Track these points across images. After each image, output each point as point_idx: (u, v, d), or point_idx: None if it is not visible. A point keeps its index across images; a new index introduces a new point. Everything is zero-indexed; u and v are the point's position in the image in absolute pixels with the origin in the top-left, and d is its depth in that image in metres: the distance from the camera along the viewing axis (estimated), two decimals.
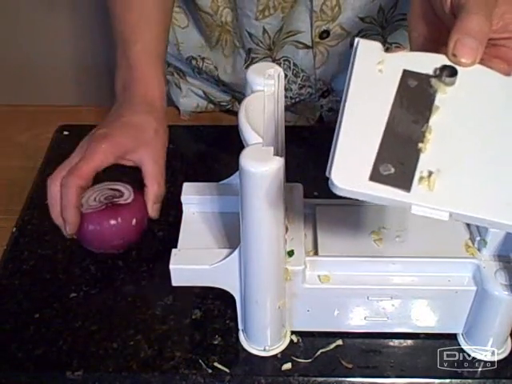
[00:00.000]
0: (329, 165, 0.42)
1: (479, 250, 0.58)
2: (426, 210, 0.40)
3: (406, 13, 0.81)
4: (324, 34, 0.81)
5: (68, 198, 0.63)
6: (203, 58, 0.88)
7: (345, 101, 0.43)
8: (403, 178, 0.41)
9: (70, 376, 0.59)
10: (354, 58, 0.45)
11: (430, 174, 0.41)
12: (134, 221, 0.67)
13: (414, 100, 0.44)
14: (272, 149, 0.49)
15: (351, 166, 0.42)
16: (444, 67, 0.44)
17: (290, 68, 0.85)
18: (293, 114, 0.93)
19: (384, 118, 0.43)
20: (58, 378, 0.60)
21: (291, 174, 0.58)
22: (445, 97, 0.44)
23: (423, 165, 0.41)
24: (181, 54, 0.89)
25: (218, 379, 0.59)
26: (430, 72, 0.45)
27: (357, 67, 0.45)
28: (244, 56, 0.85)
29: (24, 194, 0.78)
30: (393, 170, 0.41)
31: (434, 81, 0.44)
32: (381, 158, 0.41)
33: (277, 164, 0.48)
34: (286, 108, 0.56)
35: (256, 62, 0.85)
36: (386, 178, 0.41)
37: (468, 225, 0.60)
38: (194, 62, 0.89)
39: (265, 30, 0.80)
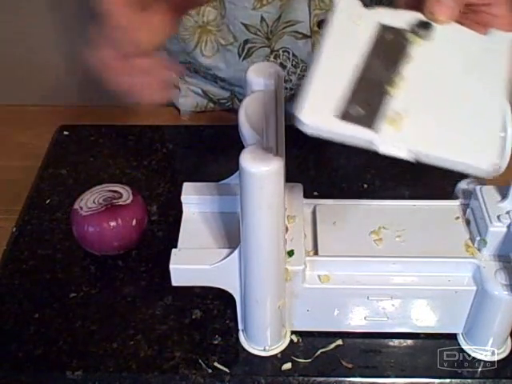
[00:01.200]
0: (298, 104, 0.42)
1: (479, 249, 0.58)
2: (392, 148, 0.42)
3: None
4: (322, 23, 0.81)
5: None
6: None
7: (321, 48, 0.44)
8: (371, 119, 0.42)
9: (70, 376, 0.59)
10: (333, 12, 0.47)
11: (398, 115, 0.42)
12: (133, 221, 0.67)
13: (389, 51, 0.45)
14: (272, 149, 0.49)
15: (321, 106, 0.42)
16: (420, 23, 0.46)
17: (289, 59, 0.85)
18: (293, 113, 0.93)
19: (357, 65, 0.44)
20: (58, 378, 0.60)
21: (291, 174, 0.58)
22: (419, 49, 0.46)
23: (391, 107, 0.43)
24: (174, 58, 0.89)
25: (218, 379, 0.59)
26: (407, 27, 0.46)
27: (335, 20, 0.46)
28: (236, 50, 0.85)
29: (24, 194, 0.78)
30: (362, 111, 0.42)
31: (409, 35, 0.46)
32: (351, 100, 0.42)
33: (277, 164, 0.48)
34: (286, 100, 0.56)
35: (253, 52, 0.84)
36: (355, 118, 0.42)
37: (468, 225, 0.60)
38: (187, 64, 0.89)
39: (263, 19, 0.80)
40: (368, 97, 0.43)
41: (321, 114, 0.42)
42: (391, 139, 0.42)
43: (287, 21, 0.81)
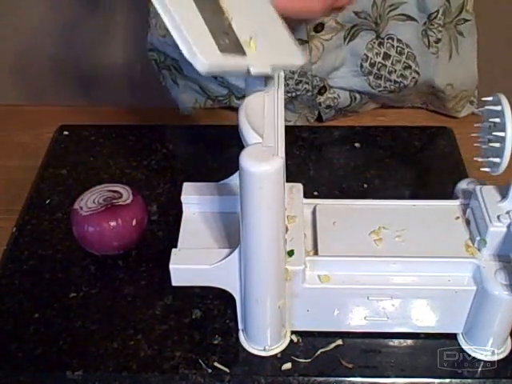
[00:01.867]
0: (186, 50, 0.42)
1: (479, 249, 0.58)
2: (260, 69, 0.45)
3: (395, 2, 0.81)
4: (319, 27, 0.81)
5: None
6: None
7: None
8: (237, 46, 0.45)
9: (70, 376, 0.59)
10: None
11: (250, 38, 0.46)
12: (133, 221, 0.67)
13: None
14: (272, 149, 0.49)
15: (206, 45, 0.43)
16: None
17: None
18: (292, 113, 0.93)
19: None
20: (58, 378, 0.60)
21: (291, 174, 0.58)
22: None
23: (239, 32, 0.46)
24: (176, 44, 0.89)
25: (218, 379, 0.59)
26: None
27: None
28: None
29: (24, 194, 0.78)
30: (227, 41, 0.44)
31: None
32: (213, 32, 0.44)
33: (277, 164, 0.48)
34: (284, 105, 0.56)
35: None
36: (228, 48, 0.44)
37: (468, 225, 0.60)
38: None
39: None
40: (218, 26, 0.45)
41: (211, 52, 0.43)
42: (255, 61, 0.45)
43: None
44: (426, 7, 0.82)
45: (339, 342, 0.61)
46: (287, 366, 0.60)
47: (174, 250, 0.57)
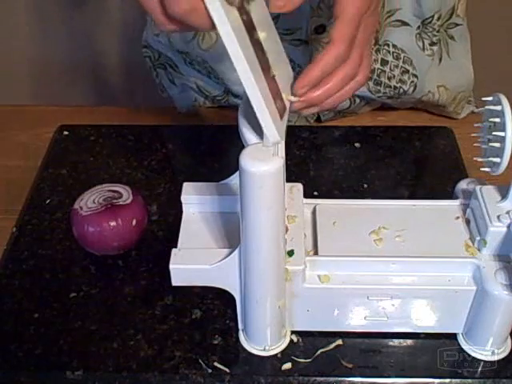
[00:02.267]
0: (263, 123, 0.48)
1: (479, 249, 0.58)
2: None
3: (391, 9, 0.82)
4: (320, 29, 0.81)
5: None
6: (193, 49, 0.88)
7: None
8: (283, 107, 0.52)
9: (70, 376, 0.59)
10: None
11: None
12: (133, 221, 0.67)
13: (248, 29, 0.47)
14: (272, 149, 0.49)
15: (276, 122, 0.49)
16: None
17: None
18: (292, 113, 0.93)
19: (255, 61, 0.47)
20: (58, 378, 0.60)
21: (291, 174, 0.58)
22: (254, 14, 0.48)
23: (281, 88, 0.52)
24: (172, 45, 0.89)
25: (218, 379, 0.59)
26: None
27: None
28: None
29: (24, 194, 0.78)
30: (278, 104, 0.50)
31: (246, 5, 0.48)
32: (274, 99, 0.49)
33: (277, 164, 0.48)
34: None
35: None
36: (280, 110, 0.51)
37: (468, 225, 0.60)
38: (183, 54, 0.89)
39: None
40: (275, 87, 0.50)
41: (278, 125, 0.49)
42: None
43: (286, 29, 0.81)
44: (422, 12, 0.83)
45: (339, 342, 0.61)
46: (287, 365, 0.60)
47: (173, 250, 0.57)
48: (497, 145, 0.55)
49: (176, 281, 0.57)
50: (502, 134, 0.54)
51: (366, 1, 0.54)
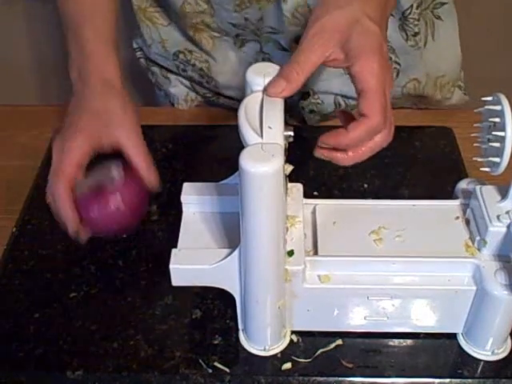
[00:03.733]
0: None
1: (479, 249, 0.58)
2: None
3: None
4: (299, 39, 0.81)
5: (60, 201, 0.63)
6: (190, 51, 0.88)
7: None
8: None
9: (70, 376, 0.59)
10: None
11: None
12: (129, 204, 0.65)
13: None
14: (272, 149, 0.49)
15: None
16: None
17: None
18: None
19: None
20: (58, 378, 0.60)
21: (291, 174, 0.58)
22: None
23: None
24: (167, 51, 0.89)
25: (218, 379, 0.59)
26: None
27: None
28: (232, 40, 0.85)
29: (24, 194, 0.78)
30: None
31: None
32: None
33: (277, 164, 0.48)
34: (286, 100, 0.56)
35: (246, 43, 0.85)
36: None
37: (468, 225, 0.60)
38: (181, 56, 0.89)
39: (246, 19, 0.80)
40: None
41: None
42: None
43: (269, 26, 0.81)
44: (399, 5, 0.81)
45: (339, 341, 0.61)
46: (287, 365, 0.60)
47: (174, 250, 0.57)
48: (497, 145, 0.55)
49: (176, 281, 0.57)
50: (501, 133, 0.54)
51: (382, 66, 0.54)
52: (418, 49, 0.85)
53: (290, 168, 0.54)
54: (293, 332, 0.62)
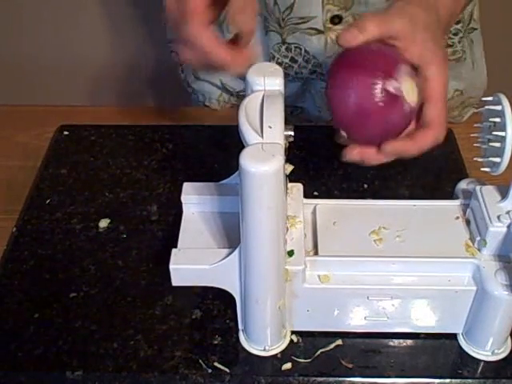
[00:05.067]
0: None
1: (479, 249, 0.58)
2: None
3: None
4: (336, 19, 0.81)
5: (204, 41, 0.54)
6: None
7: None
8: None
9: (70, 376, 0.59)
10: None
11: None
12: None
13: None
14: (272, 148, 0.49)
15: None
16: None
17: (300, 54, 0.85)
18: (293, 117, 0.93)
19: None
20: (58, 378, 0.60)
21: (291, 173, 0.58)
22: None
23: None
24: None
25: (218, 379, 0.59)
26: None
27: None
28: (260, 25, 0.84)
29: (24, 194, 0.78)
30: None
31: None
32: None
33: (277, 164, 0.48)
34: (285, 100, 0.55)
35: (267, 32, 0.84)
36: None
37: (468, 225, 0.60)
38: None
39: (275, 2, 0.80)
40: None
41: None
42: None
43: (301, 17, 0.81)
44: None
45: (339, 342, 0.61)
46: (287, 365, 0.60)
47: (174, 250, 0.57)
48: (497, 145, 0.55)
49: (176, 281, 0.57)
50: (502, 133, 0.54)
51: (446, 72, 0.56)
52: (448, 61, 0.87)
53: (290, 168, 0.54)
54: (293, 332, 0.62)
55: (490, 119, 0.56)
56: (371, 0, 0.78)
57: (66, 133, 0.87)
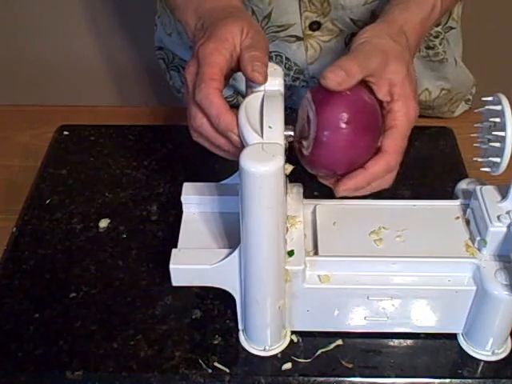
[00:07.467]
0: None
1: (479, 249, 0.58)
2: None
3: None
4: (314, 26, 0.81)
5: (214, 103, 0.55)
6: None
7: None
8: None
9: (70, 376, 0.59)
10: None
11: None
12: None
13: None
14: (272, 149, 0.49)
15: None
16: None
17: (282, 62, 0.85)
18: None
19: None
20: (58, 378, 0.60)
21: (291, 174, 0.58)
22: None
23: None
24: (184, 43, 0.89)
25: (218, 379, 0.59)
26: None
27: None
28: None
29: (24, 194, 0.78)
30: None
31: None
32: None
33: (277, 164, 0.48)
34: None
35: None
36: None
37: (468, 225, 0.60)
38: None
39: (253, 12, 0.80)
40: None
41: None
42: None
43: (279, 25, 0.81)
44: None
45: (339, 342, 0.61)
46: (287, 365, 0.60)
47: (174, 250, 0.57)
48: (497, 145, 0.55)
49: (176, 281, 0.57)
50: (502, 133, 0.54)
51: (417, 108, 0.56)
52: (429, 61, 0.86)
53: (290, 168, 0.54)
54: (293, 332, 0.62)
55: (490, 119, 0.56)
56: (348, 4, 0.79)
57: (65, 133, 0.87)
